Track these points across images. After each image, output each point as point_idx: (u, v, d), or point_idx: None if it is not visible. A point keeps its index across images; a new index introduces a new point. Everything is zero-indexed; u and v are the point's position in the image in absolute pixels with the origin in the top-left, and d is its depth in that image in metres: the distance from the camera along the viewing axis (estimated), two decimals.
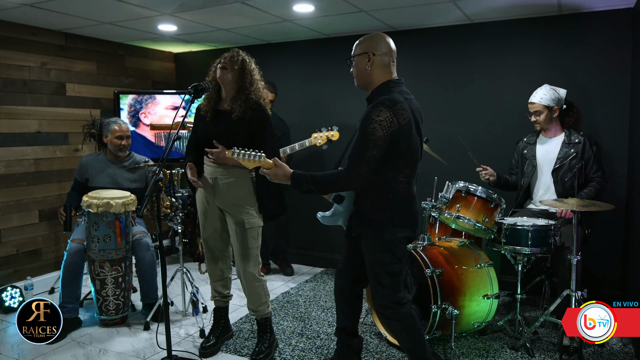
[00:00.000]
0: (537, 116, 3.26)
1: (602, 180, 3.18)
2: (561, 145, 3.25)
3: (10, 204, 3.88)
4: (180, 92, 4.74)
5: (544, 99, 3.22)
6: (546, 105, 3.22)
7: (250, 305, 2.89)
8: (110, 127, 3.56)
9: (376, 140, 2.11)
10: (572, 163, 3.18)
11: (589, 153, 3.18)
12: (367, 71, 2.28)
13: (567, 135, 3.26)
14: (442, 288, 2.81)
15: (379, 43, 2.29)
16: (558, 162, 3.23)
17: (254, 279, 2.80)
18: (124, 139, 3.57)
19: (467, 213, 2.99)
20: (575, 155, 3.18)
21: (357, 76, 2.34)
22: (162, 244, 2.62)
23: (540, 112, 3.24)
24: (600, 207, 2.70)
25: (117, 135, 3.55)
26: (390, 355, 2.91)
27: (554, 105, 3.23)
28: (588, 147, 3.18)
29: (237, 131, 2.68)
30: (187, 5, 3.37)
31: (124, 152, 3.62)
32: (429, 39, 4.13)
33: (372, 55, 2.27)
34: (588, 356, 2.81)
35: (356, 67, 2.32)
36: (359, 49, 2.32)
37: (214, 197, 2.78)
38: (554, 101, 3.23)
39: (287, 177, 2.26)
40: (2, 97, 3.81)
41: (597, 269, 3.62)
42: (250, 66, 2.72)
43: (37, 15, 3.63)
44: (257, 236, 2.80)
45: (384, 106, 2.12)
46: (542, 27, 3.72)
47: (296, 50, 4.64)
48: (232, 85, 2.69)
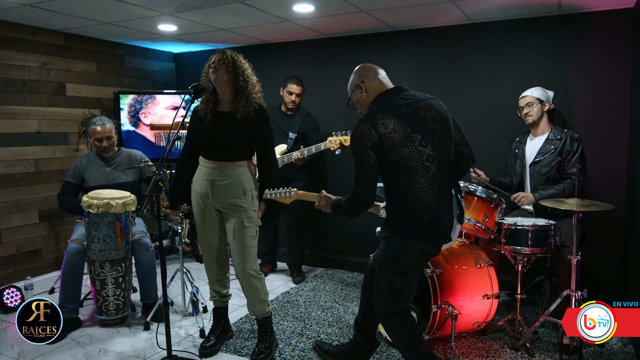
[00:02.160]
0: (529, 107, 3.29)
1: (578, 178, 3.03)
2: (544, 142, 3.29)
3: (10, 204, 3.88)
4: (180, 92, 4.74)
5: (535, 92, 3.30)
6: (538, 98, 3.28)
7: (250, 305, 2.89)
8: (91, 128, 3.50)
9: (362, 155, 2.16)
10: (550, 158, 3.22)
11: (568, 149, 3.19)
12: (365, 98, 2.33)
13: (551, 131, 3.30)
14: (442, 288, 2.81)
15: (362, 70, 2.37)
16: (538, 157, 3.28)
17: (253, 277, 2.80)
18: (103, 141, 3.49)
19: (467, 213, 2.98)
20: (554, 150, 3.22)
21: (361, 107, 2.38)
22: (162, 244, 2.62)
23: (533, 104, 3.28)
24: (600, 207, 2.69)
25: (96, 138, 3.49)
26: (390, 355, 2.91)
27: (545, 99, 3.28)
28: (568, 143, 3.20)
29: (239, 131, 2.70)
30: (187, 5, 3.37)
31: (107, 152, 3.55)
32: (429, 39, 4.12)
33: (362, 83, 2.33)
34: (588, 356, 2.81)
35: (357, 102, 2.39)
36: (351, 87, 2.40)
37: (212, 198, 2.79)
38: (545, 97, 3.29)
39: (328, 206, 2.43)
40: (2, 97, 3.81)
41: (597, 269, 3.62)
42: (241, 63, 2.71)
43: (37, 15, 3.63)
44: (255, 234, 2.81)
45: (359, 122, 2.19)
46: (542, 27, 3.72)
47: (296, 50, 4.64)
48: (228, 86, 2.69)
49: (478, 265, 3.03)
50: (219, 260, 2.96)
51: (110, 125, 3.55)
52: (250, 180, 2.79)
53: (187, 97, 2.58)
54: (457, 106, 4.04)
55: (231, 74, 2.66)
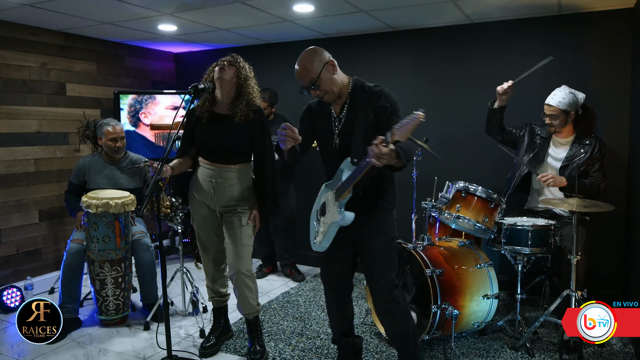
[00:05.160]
0: (552, 119, 3.20)
1: (601, 181, 3.16)
2: (571, 145, 3.22)
3: (10, 204, 3.89)
4: (180, 92, 4.74)
5: (561, 103, 3.14)
6: (563, 110, 3.15)
7: (241, 304, 2.87)
8: (104, 129, 3.51)
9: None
10: (579, 161, 3.16)
11: (597, 155, 3.16)
12: (335, 77, 2.31)
13: (577, 136, 3.23)
14: (442, 288, 2.81)
15: (322, 52, 2.35)
16: (566, 161, 3.21)
17: (246, 277, 2.80)
18: (118, 141, 3.52)
19: (467, 213, 2.99)
20: (584, 155, 3.16)
21: (329, 86, 2.29)
22: (162, 244, 2.63)
23: (557, 117, 3.17)
24: (601, 207, 2.69)
25: (110, 138, 3.50)
26: (390, 355, 2.91)
27: (571, 110, 3.17)
28: (597, 149, 3.16)
29: (241, 134, 2.73)
30: (187, 5, 3.37)
31: (119, 153, 3.58)
32: (429, 39, 4.12)
33: (331, 60, 2.32)
34: (588, 356, 2.81)
35: (325, 82, 2.28)
36: (317, 67, 2.28)
37: (214, 199, 2.79)
38: (572, 106, 3.15)
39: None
40: (2, 97, 3.81)
41: (597, 269, 3.62)
42: (248, 72, 2.76)
43: (37, 15, 3.63)
44: (252, 234, 2.83)
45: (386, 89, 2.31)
46: (542, 27, 3.72)
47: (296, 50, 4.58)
48: (230, 88, 2.71)
49: (478, 265, 3.03)
50: (218, 259, 2.96)
51: (121, 126, 3.59)
52: (251, 181, 2.83)
53: (187, 97, 2.60)
54: (457, 106, 4.07)
55: (238, 77, 2.70)
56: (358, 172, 2.13)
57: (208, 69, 2.78)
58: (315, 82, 2.27)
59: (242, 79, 2.70)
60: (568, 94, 3.16)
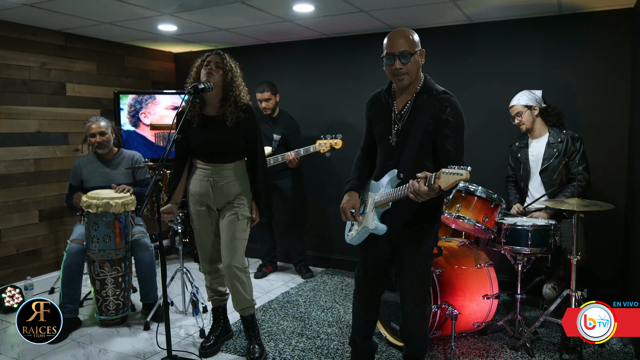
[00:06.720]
0: (519, 117, 3.34)
1: (583, 176, 3.22)
2: (545, 146, 3.32)
3: (10, 204, 3.88)
4: (180, 92, 4.74)
5: (522, 100, 3.34)
6: (525, 105, 3.32)
7: (235, 301, 2.87)
8: (85, 126, 3.55)
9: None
10: (556, 162, 3.25)
11: (571, 149, 3.24)
12: (420, 65, 2.26)
13: (550, 134, 3.33)
14: (442, 288, 2.81)
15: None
16: (545, 163, 3.30)
17: (239, 270, 2.80)
18: (96, 136, 3.51)
19: (467, 213, 2.99)
20: (558, 154, 3.25)
21: (414, 69, 2.21)
22: (162, 244, 2.63)
23: (522, 112, 3.33)
24: (601, 207, 2.69)
25: (90, 134, 3.52)
26: (390, 355, 2.91)
27: (533, 104, 3.31)
28: (570, 143, 3.24)
29: (234, 136, 2.76)
30: (187, 5, 3.37)
31: (102, 148, 3.54)
32: (429, 39, 4.09)
33: (423, 50, 2.25)
34: (588, 356, 2.81)
35: (414, 62, 2.20)
36: (416, 45, 2.21)
37: (213, 198, 2.80)
38: (532, 100, 3.32)
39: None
40: (2, 97, 3.81)
41: (597, 269, 3.62)
42: (235, 69, 2.76)
43: (37, 15, 3.63)
44: (246, 228, 2.84)
45: (454, 98, 2.20)
46: (542, 27, 3.72)
47: (296, 50, 4.64)
48: (218, 90, 2.72)
49: (478, 265, 3.03)
50: (217, 259, 2.96)
51: (104, 123, 3.57)
52: (247, 177, 2.86)
53: (187, 97, 2.59)
54: None
55: (226, 78, 2.71)
56: (396, 194, 2.12)
57: (194, 65, 2.77)
58: (409, 55, 2.18)
59: (230, 80, 2.71)
60: (525, 92, 3.37)
